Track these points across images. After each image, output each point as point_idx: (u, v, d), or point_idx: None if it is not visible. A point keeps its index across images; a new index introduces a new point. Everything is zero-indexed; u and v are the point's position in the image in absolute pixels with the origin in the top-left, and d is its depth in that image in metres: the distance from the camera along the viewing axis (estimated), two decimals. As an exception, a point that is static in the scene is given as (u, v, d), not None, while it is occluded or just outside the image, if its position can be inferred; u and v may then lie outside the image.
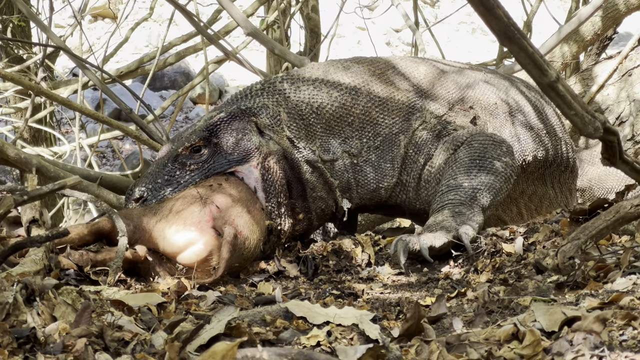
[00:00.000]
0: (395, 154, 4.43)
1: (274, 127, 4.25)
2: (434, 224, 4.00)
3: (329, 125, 4.39)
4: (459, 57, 17.88)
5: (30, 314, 2.52)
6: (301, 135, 4.32)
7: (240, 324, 2.65)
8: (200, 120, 4.33)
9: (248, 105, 4.28)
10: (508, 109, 4.71)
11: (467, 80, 4.69)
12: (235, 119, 4.20)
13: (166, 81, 18.29)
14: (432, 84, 4.59)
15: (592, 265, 3.01)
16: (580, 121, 2.94)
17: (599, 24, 6.23)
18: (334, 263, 3.94)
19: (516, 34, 2.78)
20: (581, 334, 2.28)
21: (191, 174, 4.09)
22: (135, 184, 4.13)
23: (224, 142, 4.15)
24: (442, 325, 2.91)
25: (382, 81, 4.53)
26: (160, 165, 4.13)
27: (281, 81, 4.44)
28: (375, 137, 4.43)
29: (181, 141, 4.17)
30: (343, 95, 4.43)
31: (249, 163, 4.13)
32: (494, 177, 4.18)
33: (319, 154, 4.33)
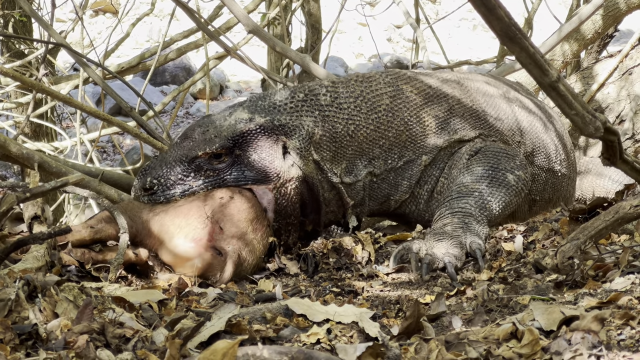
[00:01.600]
0: (414, 172, 4.39)
1: (302, 152, 4.10)
2: (442, 231, 3.94)
3: (360, 147, 4.28)
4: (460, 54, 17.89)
5: (32, 311, 2.53)
6: (329, 157, 4.20)
7: (240, 321, 2.67)
8: (228, 115, 4.14)
9: (283, 121, 4.10)
10: (532, 137, 4.74)
11: (495, 106, 4.66)
12: (264, 134, 4.03)
13: (167, 76, 18.28)
14: (463, 107, 4.53)
15: (591, 264, 3.03)
16: (581, 121, 2.95)
17: (600, 23, 6.24)
18: (334, 261, 3.95)
19: (517, 34, 2.78)
20: (579, 333, 2.29)
21: (205, 180, 3.96)
22: (148, 170, 3.99)
23: (247, 156, 4.00)
24: (441, 323, 2.92)
25: (418, 102, 4.43)
26: (176, 160, 3.98)
27: (325, 93, 4.27)
28: (400, 158, 4.36)
29: (203, 143, 4.00)
30: (381, 116, 4.32)
31: (266, 185, 4.00)
32: (505, 189, 4.17)
33: (341, 176, 4.23)
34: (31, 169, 4.56)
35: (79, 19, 7.58)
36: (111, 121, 5.19)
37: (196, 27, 8.23)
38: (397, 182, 4.38)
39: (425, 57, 6.86)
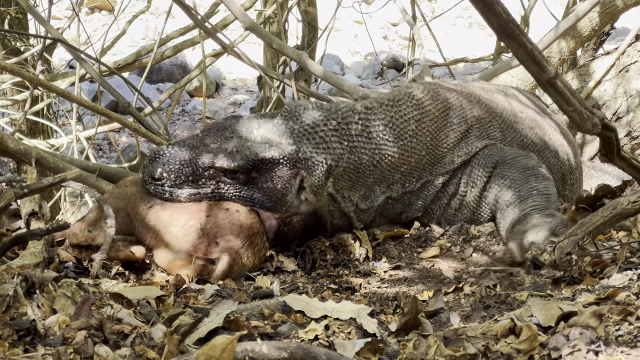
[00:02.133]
0: (430, 192, 4.34)
1: (318, 190, 4.00)
2: (535, 228, 3.90)
3: (382, 174, 4.20)
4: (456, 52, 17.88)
5: (30, 307, 2.53)
6: (348, 186, 4.11)
7: (238, 317, 2.67)
8: (257, 128, 3.99)
9: (308, 154, 3.98)
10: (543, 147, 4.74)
11: (512, 125, 4.64)
12: (286, 166, 3.93)
13: (163, 74, 18.26)
14: (481, 125, 4.49)
15: (589, 261, 3.03)
16: (579, 117, 2.95)
17: (597, 20, 6.24)
18: (331, 257, 3.96)
19: (515, 30, 2.79)
20: (577, 329, 2.30)
21: (215, 190, 3.88)
22: (162, 158, 3.88)
23: (262, 182, 3.91)
24: (439, 319, 2.93)
25: (439, 125, 4.35)
26: (192, 160, 3.88)
27: (357, 121, 4.14)
28: (417, 181, 4.30)
29: (223, 154, 3.88)
30: (406, 143, 4.23)
31: (271, 212, 3.92)
32: (547, 182, 4.17)
33: (357, 202, 4.15)
34: (28, 164, 4.54)
35: (75, 15, 7.57)
36: (110, 116, 5.17)
37: (193, 24, 8.24)
38: (412, 202, 4.32)
39: (422, 54, 6.85)
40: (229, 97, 17.99)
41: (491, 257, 3.87)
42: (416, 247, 4.08)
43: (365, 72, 19.21)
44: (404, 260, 3.94)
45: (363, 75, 19.10)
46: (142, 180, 3.91)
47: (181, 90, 8.52)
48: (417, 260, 3.95)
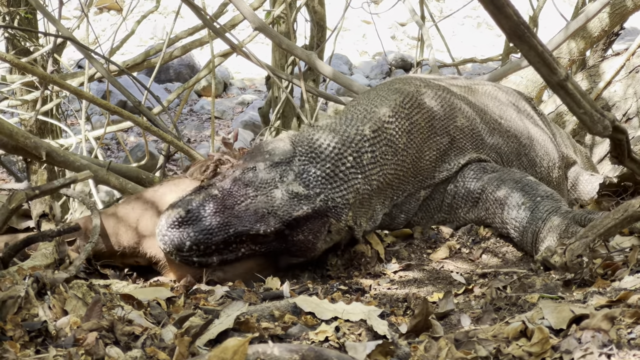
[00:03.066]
0: (412, 206, 4.28)
1: (342, 230, 3.92)
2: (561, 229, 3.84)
3: (382, 192, 4.13)
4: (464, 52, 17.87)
5: (41, 308, 2.54)
6: (360, 214, 4.03)
7: (249, 319, 2.67)
8: (280, 179, 3.81)
9: (337, 201, 3.87)
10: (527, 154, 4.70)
11: (495, 130, 4.58)
12: (317, 218, 3.82)
13: (171, 73, 18.29)
14: (464, 137, 4.42)
15: (600, 263, 3.02)
16: (589, 119, 2.94)
17: (607, 21, 6.23)
18: (342, 259, 3.96)
19: (526, 32, 2.78)
20: (589, 332, 2.29)
21: (245, 251, 3.75)
22: (185, 230, 3.66)
23: (293, 235, 3.78)
24: (449, 321, 2.92)
25: (424, 136, 4.28)
26: (221, 230, 3.68)
27: (367, 148, 4.02)
28: (403, 193, 4.23)
29: (255, 218, 3.71)
30: (399, 157, 4.16)
31: (299, 258, 3.86)
32: (541, 186, 4.14)
33: (365, 226, 4.07)
34: (39, 158, 4.55)
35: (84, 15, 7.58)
36: (121, 114, 5.14)
37: (201, 24, 8.25)
38: (396, 215, 4.27)
39: (430, 55, 6.85)
40: (237, 96, 18.01)
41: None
42: (426, 248, 4.08)
43: (373, 72, 19.21)
44: (414, 262, 3.93)
45: (371, 75, 19.11)
46: (163, 247, 3.69)
47: (190, 90, 8.52)
48: (427, 262, 3.95)
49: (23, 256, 3.26)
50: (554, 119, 6.33)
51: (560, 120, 6.34)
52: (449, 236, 4.17)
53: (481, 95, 4.77)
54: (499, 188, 4.15)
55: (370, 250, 4.00)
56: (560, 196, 4.11)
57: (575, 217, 3.79)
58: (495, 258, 3.96)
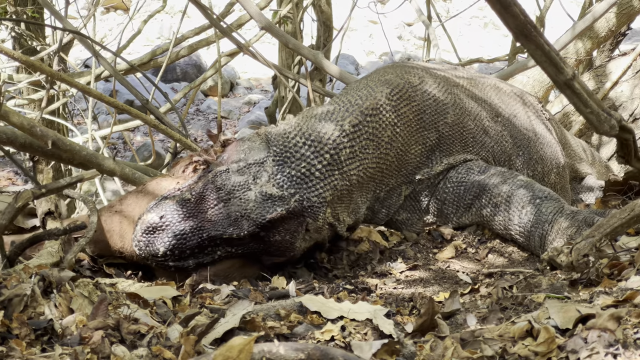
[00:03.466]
0: (394, 201, 4.24)
1: (321, 228, 3.91)
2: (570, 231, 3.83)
3: (362, 186, 4.08)
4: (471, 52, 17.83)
5: (47, 306, 2.54)
6: (340, 209, 4.01)
7: (254, 318, 2.67)
8: (253, 180, 3.79)
9: (313, 200, 3.83)
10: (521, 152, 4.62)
11: (486, 129, 4.48)
12: (292, 218, 3.79)
13: (178, 73, 18.29)
14: (452, 135, 4.34)
15: (606, 263, 3.01)
16: (596, 119, 2.94)
17: (614, 21, 6.21)
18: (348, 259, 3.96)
19: (532, 31, 2.78)
20: (595, 331, 2.28)
21: (221, 254, 3.76)
22: (159, 236, 3.70)
23: (269, 236, 3.76)
24: (455, 321, 2.92)
25: (412, 129, 4.21)
26: (195, 234, 3.70)
27: (346, 144, 3.96)
28: (385, 187, 4.18)
29: (227, 222, 3.70)
30: (382, 151, 4.10)
31: (278, 257, 3.86)
32: (535, 184, 4.09)
33: (347, 220, 4.05)
34: (45, 152, 4.56)
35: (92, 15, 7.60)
36: (129, 111, 5.14)
37: (208, 24, 8.25)
38: (378, 210, 4.23)
39: (437, 55, 6.86)
40: (244, 96, 18.01)
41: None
42: (432, 248, 4.08)
43: (379, 72, 19.17)
44: (420, 261, 3.93)
45: (377, 75, 19.06)
46: (140, 256, 3.73)
47: (196, 90, 8.53)
48: (433, 261, 3.94)
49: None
50: (561, 119, 6.32)
51: (566, 120, 6.32)
52: (450, 236, 4.15)
53: (482, 89, 4.69)
54: (493, 193, 4.10)
55: (376, 249, 4.00)
56: (557, 194, 4.07)
57: (587, 220, 3.78)
58: (501, 258, 3.95)
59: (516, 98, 4.81)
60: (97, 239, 3.71)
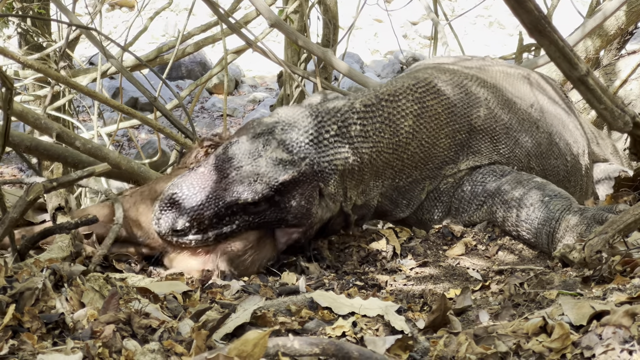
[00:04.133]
0: (415, 194, 4.28)
1: (335, 196, 3.99)
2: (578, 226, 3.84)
3: (377, 170, 4.15)
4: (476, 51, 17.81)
5: (59, 300, 2.53)
6: (351, 187, 4.07)
7: (265, 313, 2.66)
8: (263, 148, 3.89)
9: (322, 164, 3.92)
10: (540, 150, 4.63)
11: (514, 134, 4.52)
12: (305, 181, 3.86)
13: (183, 70, 18.29)
14: (482, 132, 4.40)
15: (619, 259, 3.00)
16: (610, 115, 2.93)
17: (623, 19, 6.20)
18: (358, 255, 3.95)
19: (547, 27, 2.77)
20: (610, 328, 2.27)
21: (239, 224, 3.77)
22: (177, 206, 3.75)
23: (285, 201, 3.83)
24: (467, 317, 2.91)
25: (440, 123, 4.29)
26: (211, 201, 3.75)
27: (355, 121, 4.06)
28: (407, 178, 4.24)
29: (241, 186, 3.76)
30: (401, 139, 4.17)
31: (297, 227, 3.87)
32: (549, 185, 4.11)
33: (355, 199, 4.11)
34: (50, 138, 4.56)
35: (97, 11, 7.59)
36: (134, 115, 5.16)
37: (214, 21, 8.26)
38: (398, 201, 4.27)
39: (446, 53, 6.84)
40: (248, 94, 18.01)
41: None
42: (442, 244, 4.07)
43: (384, 71, 19.19)
44: (430, 258, 3.92)
45: (382, 74, 19.08)
46: (160, 234, 3.76)
47: (202, 87, 8.52)
48: (443, 258, 3.94)
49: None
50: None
51: (576, 117, 6.31)
52: (460, 233, 4.15)
53: (514, 81, 4.73)
54: (507, 192, 4.12)
55: (386, 245, 3.99)
56: (568, 194, 4.08)
57: (595, 217, 3.77)
58: (511, 255, 3.94)
59: (541, 87, 4.85)
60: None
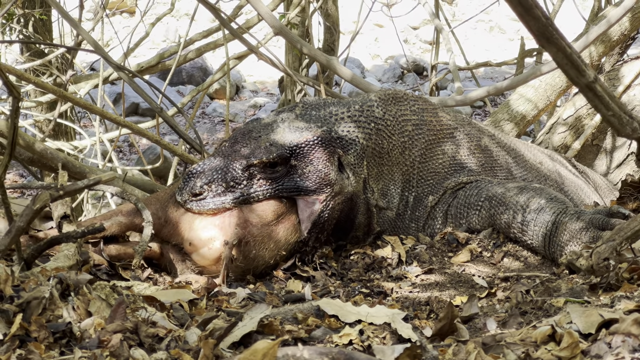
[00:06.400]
0: (421, 213, 4.31)
1: (356, 169, 4.05)
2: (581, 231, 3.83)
3: (391, 169, 4.22)
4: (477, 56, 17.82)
5: (65, 309, 2.53)
6: (374, 173, 4.14)
7: (272, 321, 2.66)
8: (281, 122, 4.03)
9: (341, 133, 4.04)
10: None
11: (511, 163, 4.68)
12: (322, 146, 3.95)
13: (184, 76, 18.28)
14: (484, 160, 4.53)
15: (626, 267, 2.99)
16: (618, 122, 2.92)
17: (627, 25, 6.19)
18: (363, 262, 3.94)
19: (554, 34, 2.76)
20: (620, 336, 2.27)
21: (257, 188, 3.85)
22: (197, 174, 3.86)
23: (302, 166, 3.92)
24: (474, 325, 2.91)
25: (438, 137, 4.40)
26: (229, 166, 3.87)
27: (377, 105, 4.23)
28: (410, 193, 4.29)
29: (258, 150, 3.90)
30: (406, 141, 4.28)
31: (317, 195, 3.90)
32: (545, 189, 4.12)
33: (377, 198, 4.16)
34: (55, 169, 4.58)
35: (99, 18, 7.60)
36: (132, 128, 5.18)
37: (215, 27, 8.25)
38: (407, 225, 4.30)
39: (451, 60, 6.85)
40: (249, 99, 18.01)
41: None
42: (447, 251, 4.06)
43: (385, 76, 19.18)
44: (435, 265, 3.91)
45: (383, 78, 19.07)
46: (182, 202, 3.83)
47: (204, 93, 8.52)
48: (448, 265, 3.93)
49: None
50: (573, 122, 6.30)
51: (579, 124, 6.30)
52: (465, 240, 4.14)
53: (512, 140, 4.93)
54: (503, 196, 4.12)
55: (391, 252, 3.98)
56: (565, 198, 4.09)
57: (593, 221, 3.77)
58: (516, 261, 3.93)
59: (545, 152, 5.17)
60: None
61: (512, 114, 6.46)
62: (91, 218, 3.82)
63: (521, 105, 6.46)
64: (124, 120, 5.37)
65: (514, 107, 6.48)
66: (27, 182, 6.92)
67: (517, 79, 5.08)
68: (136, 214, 3.77)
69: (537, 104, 6.38)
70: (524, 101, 6.44)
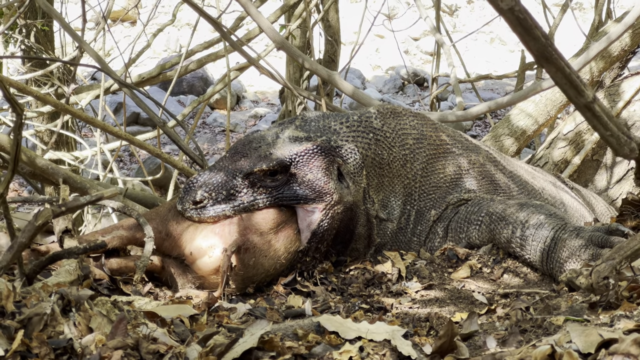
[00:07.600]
0: (423, 228, 4.33)
1: (355, 178, 4.08)
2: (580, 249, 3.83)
3: (392, 181, 4.26)
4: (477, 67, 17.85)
5: (67, 325, 2.53)
6: (374, 184, 4.18)
7: (273, 337, 2.66)
8: (280, 132, 4.10)
9: (340, 143, 4.09)
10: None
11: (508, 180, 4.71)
12: (321, 154, 4.01)
13: (184, 86, 18.31)
14: (484, 175, 4.55)
15: (626, 285, 3.00)
16: (616, 142, 2.93)
17: (627, 40, 6.21)
18: (363, 277, 3.95)
19: (553, 54, 2.78)
20: (619, 356, 2.28)
21: (257, 197, 3.90)
22: (197, 183, 3.91)
23: (302, 175, 3.96)
24: (474, 343, 2.90)
25: (438, 152, 4.44)
26: (229, 174, 3.93)
27: (375, 117, 4.27)
28: (412, 206, 4.32)
29: (258, 159, 3.96)
30: (407, 154, 4.32)
31: (316, 204, 3.94)
32: (544, 206, 4.13)
33: (377, 209, 4.20)
34: (56, 184, 4.59)
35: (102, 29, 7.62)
36: (132, 141, 5.20)
37: (217, 38, 8.27)
38: (409, 239, 4.32)
39: (452, 73, 6.87)
40: (250, 109, 18.04)
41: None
42: (447, 267, 4.06)
43: (386, 87, 19.21)
44: (435, 281, 3.92)
45: (384, 89, 19.11)
46: (183, 211, 3.88)
47: (205, 104, 8.55)
48: (448, 281, 3.93)
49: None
50: (573, 137, 6.31)
51: (579, 139, 6.31)
52: (464, 256, 4.14)
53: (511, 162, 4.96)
54: (502, 212, 4.13)
55: (391, 268, 3.99)
56: (564, 214, 4.10)
57: (592, 238, 3.77)
58: (516, 278, 3.94)
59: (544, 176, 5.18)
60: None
61: (512, 129, 6.48)
62: (92, 232, 3.83)
63: (521, 120, 6.48)
64: (125, 134, 5.38)
65: (515, 122, 6.51)
66: (29, 196, 6.93)
67: (518, 94, 5.10)
68: (137, 228, 3.79)
69: (538, 119, 6.40)
70: (525, 116, 6.46)
